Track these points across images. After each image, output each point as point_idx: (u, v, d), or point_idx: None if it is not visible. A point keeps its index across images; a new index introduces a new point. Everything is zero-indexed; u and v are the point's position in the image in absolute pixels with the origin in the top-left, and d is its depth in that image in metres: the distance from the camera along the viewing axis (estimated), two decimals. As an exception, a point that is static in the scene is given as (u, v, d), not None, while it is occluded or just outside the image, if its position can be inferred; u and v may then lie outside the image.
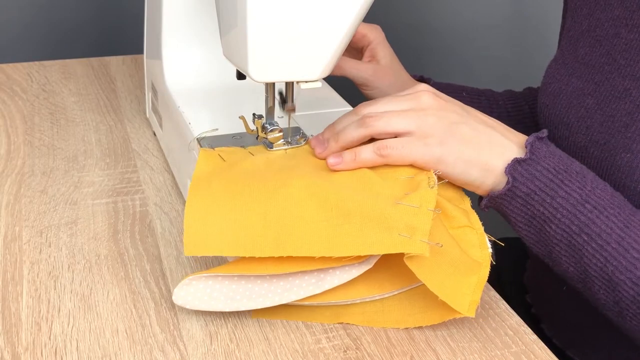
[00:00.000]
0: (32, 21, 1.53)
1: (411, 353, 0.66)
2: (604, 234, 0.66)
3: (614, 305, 0.67)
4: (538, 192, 0.67)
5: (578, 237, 0.67)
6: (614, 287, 0.66)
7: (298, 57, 0.70)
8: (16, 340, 0.66)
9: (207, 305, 0.66)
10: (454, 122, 0.70)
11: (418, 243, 0.63)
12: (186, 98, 0.89)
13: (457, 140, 0.69)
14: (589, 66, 0.82)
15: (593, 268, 0.67)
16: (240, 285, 0.66)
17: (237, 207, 0.67)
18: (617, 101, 0.77)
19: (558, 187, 0.67)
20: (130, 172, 0.94)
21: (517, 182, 0.68)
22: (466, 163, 0.69)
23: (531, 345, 0.68)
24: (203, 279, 0.66)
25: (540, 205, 0.68)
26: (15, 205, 0.86)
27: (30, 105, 1.11)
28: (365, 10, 0.69)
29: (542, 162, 0.68)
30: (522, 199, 0.68)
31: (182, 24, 0.92)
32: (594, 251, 0.66)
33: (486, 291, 0.74)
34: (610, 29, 0.80)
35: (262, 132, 0.77)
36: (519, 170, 0.68)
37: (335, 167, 0.71)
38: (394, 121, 0.70)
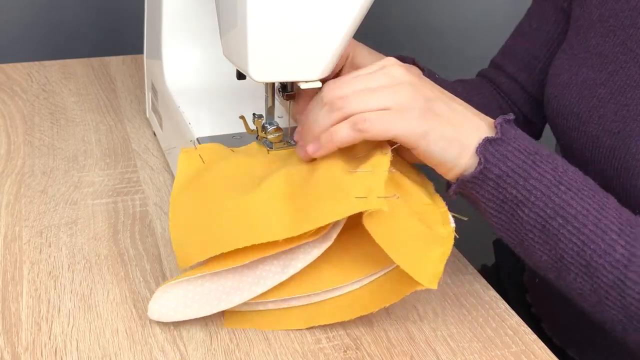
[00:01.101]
0: (32, 21, 1.53)
1: (411, 353, 0.66)
2: (580, 216, 0.63)
3: (592, 293, 0.64)
4: (510, 173, 0.64)
5: (553, 221, 0.63)
6: (591, 273, 0.63)
7: (298, 57, 0.70)
8: (16, 340, 0.66)
9: (182, 314, 0.66)
10: (429, 98, 0.66)
11: (375, 200, 0.61)
12: (186, 98, 0.89)
13: (436, 117, 0.65)
14: (601, 56, 0.81)
15: (569, 253, 0.64)
16: (211, 286, 0.67)
17: (212, 209, 0.68)
18: (632, 90, 0.77)
19: (531, 169, 0.64)
20: (130, 172, 0.94)
21: (489, 163, 0.64)
22: (446, 140, 0.65)
23: (531, 345, 0.68)
24: (174, 289, 0.66)
25: (513, 187, 0.64)
26: (15, 205, 0.86)
27: (30, 105, 1.11)
28: (365, 10, 0.69)
29: (513, 143, 0.65)
30: (493, 181, 0.65)
31: (182, 24, 0.92)
32: (570, 235, 0.63)
33: (486, 291, 0.74)
34: (625, 19, 0.80)
35: (262, 132, 0.77)
36: (490, 151, 0.64)
37: (316, 153, 0.67)
38: (368, 99, 0.65)
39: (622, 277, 0.62)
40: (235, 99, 0.89)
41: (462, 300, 0.73)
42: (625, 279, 0.62)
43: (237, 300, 0.66)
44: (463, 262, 0.79)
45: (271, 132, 0.76)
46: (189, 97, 0.89)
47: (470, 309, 0.72)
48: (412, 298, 0.73)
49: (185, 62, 0.93)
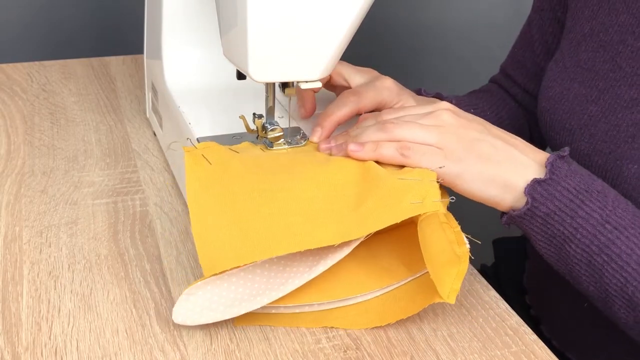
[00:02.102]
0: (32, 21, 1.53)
1: (411, 353, 0.66)
2: (624, 254, 0.65)
3: (635, 324, 0.67)
4: (558, 212, 0.67)
5: (598, 257, 0.66)
6: (634, 307, 0.66)
7: (298, 57, 0.70)
8: (16, 340, 0.66)
9: (208, 317, 0.65)
10: (474, 139, 0.70)
11: (431, 203, 0.65)
12: (186, 98, 0.89)
13: (476, 158, 0.69)
14: (592, 72, 0.81)
15: (613, 288, 0.66)
16: (238, 289, 0.66)
17: (242, 216, 0.66)
18: (623, 110, 0.77)
19: (578, 207, 0.66)
20: (130, 172, 0.94)
21: (537, 202, 0.67)
22: (484, 181, 0.68)
23: (531, 345, 0.68)
24: (200, 291, 0.65)
25: (560, 225, 0.67)
26: (15, 205, 0.86)
27: (30, 105, 1.11)
28: (365, 10, 0.69)
29: (562, 182, 0.67)
30: (541, 218, 0.67)
31: (182, 24, 0.92)
32: (613, 271, 0.66)
33: (486, 291, 0.74)
34: (615, 34, 0.79)
35: (262, 131, 0.77)
36: (538, 191, 0.67)
37: (355, 153, 0.70)
38: (416, 131, 0.70)
39: None
40: (235, 99, 0.89)
41: (462, 300, 0.73)
42: None
43: (266, 300, 0.65)
44: (463, 263, 0.79)
45: (271, 132, 0.76)
46: (189, 97, 0.89)
47: (470, 309, 0.72)
48: (412, 298, 0.73)
49: (185, 62, 0.93)
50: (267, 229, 0.65)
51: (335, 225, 0.65)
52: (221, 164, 0.71)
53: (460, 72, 1.74)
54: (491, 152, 0.69)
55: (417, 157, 0.68)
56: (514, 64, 0.99)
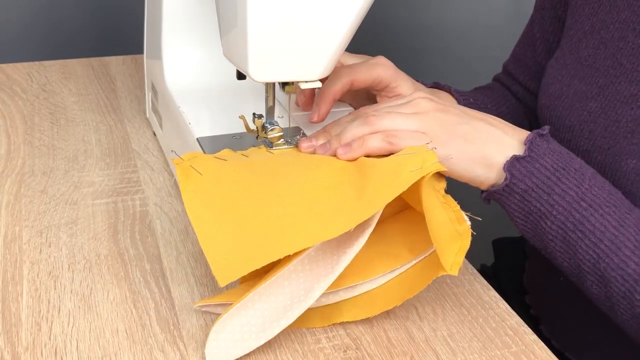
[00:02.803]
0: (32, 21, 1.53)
1: (411, 353, 0.66)
2: (597, 231, 0.67)
3: (606, 300, 0.68)
4: (535, 189, 0.69)
5: (572, 234, 0.68)
6: (605, 283, 0.67)
7: (298, 57, 0.70)
8: (16, 340, 0.66)
9: (243, 348, 0.63)
10: (455, 122, 0.71)
11: (431, 165, 0.66)
12: (186, 98, 0.89)
13: (460, 139, 0.70)
14: (592, 69, 0.81)
15: (586, 264, 0.68)
16: (264, 312, 0.64)
17: (246, 221, 0.66)
18: (622, 106, 0.77)
19: (555, 185, 0.68)
20: (130, 172, 0.94)
21: (515, 179, 0.69)
22: (470, 161, 0.70)
23: (531, 345, 0.68)
24: (227, 326, 0.63)
25: (537, 201, 0.69)
26: (15, 205, 0.86)
27: (30, 105, 1.11)
28: (365, 10, 0.69)
29: (541, 160, 0.69)
30: (519, 195, 0.69)
31: (182, 24, 0.92)
32: (587, 248, 0.67)
33: (486, 291, 0.75)
34: (615, 31, 0.80)
35: (262, 131, 0.77)
36: (517, 167, 0.69)
37: (344, 155, 0.71)
38: (399, 120, 0.71)
39: (632, 290, 0.66)
40: (235, 99, 0.89)
41: (462, 300, 0.73)
42: (634, 292, 0.66)
43: (297, 313, 0.64)
44: (463, 262, 0.79)
45: (271, 132, 0.76)
46: (189, 97, 0.89)
47: (470, 309, 0.72)
48: (412, 298, 0.73)
49: (185, 62, 0.93)
50: (274, 230, 0.65)
51: (342, 215, 0.65)
52: (211, 173, 0.69)
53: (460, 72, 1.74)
54: (473, 133, 0.71)
55: (404, 142, 0.70)
56: (516, 62, 0.99)
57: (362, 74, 0.80)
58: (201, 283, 0.74)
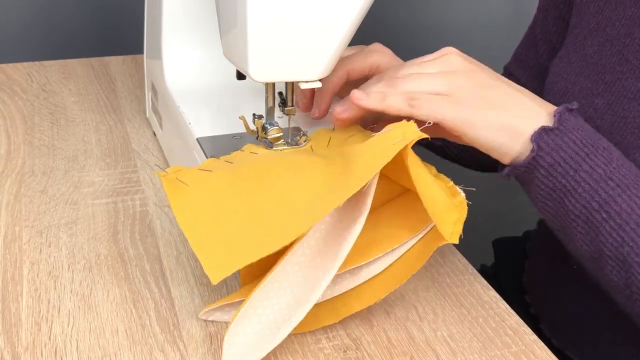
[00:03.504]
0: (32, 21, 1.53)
1: (411, 353, 0.66)
2: (623, 213, 0.64)
3: (625, 287, 0.66)
4: (562, 163, 0.66)
5: (597, 214, 0.65)
6: (627, 269, 0.65)
7: (298, 57, 0.70)
8: (16, 340, 0.66)
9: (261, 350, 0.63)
10: (485, 85, 0.68)
11: (412, 134, 0.63)
12: (186, 98, 0.89)
13: (488, 104, 0.67)
14: (598, 66, 0.81)
15: (608, 247, 0.65)
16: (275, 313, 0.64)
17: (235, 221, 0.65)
18: (629, 102, 0.77)
19: (582, 161, 0.65)
20: (130, 172, 0.94)
21: (542, 151, 0.66)
22: (495, 128, 0.67)
23: (531, 345, 0.68)
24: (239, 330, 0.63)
25: (563, 177, 0.66)
26: (15, 205, 0.86)
27: (30, 105, 1.11)
28: (365, 10, 0.69)
29: (569, 134, 0.66)
30: (545, 169, 0.66)
31: (182, 24, 0.92)
32: (611, 230, 0.65)
33: (486, 291, 0.75)
34: (622, 28, 0.80)
35: (262, 132, 0.77)
36: (545, 139, 0.66)
37: (360, 101, 0.68)
38: (425, 82, 0.67)
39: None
40: (235, 99, 0.89)
41: (462, 300, 0.73)
42: None
43: (308, 307, 0.63)
44: (463, 262, 0.79)
45: (271, 133, 0.76)
46: (189, 97, 0.89)
47: (470, 309, 0.72)
48: (412, 298, 0.73)
49: (185, 62, 0.93)
50: (265, 224, 0.64)
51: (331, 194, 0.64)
52: (197, 183, 0.69)
53: (460, 72, 1.74)
54: (503, 99, 0.67)
55: (426, 106, 0.66)
56: (518, 63, 0.99)
57: (357, 63, 0.78)
58: (201, 283, 0.74)
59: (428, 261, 0.78)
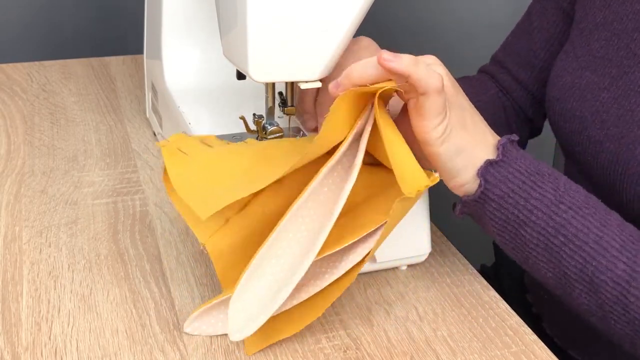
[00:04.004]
0: (32, 21, 1.53)
1: (411, 353, 0.66)
2: (580, 234, 0.64)
3: (598, 309, 0.65)
4: (511, 194, 0.66)
5: (555, 239, 0.65)
6: (595, 290, 0.64)
7: (298, 57, 0.70)
8: (16, 340, 0.66)
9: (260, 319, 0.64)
10: (462, 106, 0.68)
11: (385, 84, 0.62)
12: (186, 98, 0.89)
13: (460, 125, 0.66)
14: (604, 60, 0.81)
15: (572, 270, 0.65)
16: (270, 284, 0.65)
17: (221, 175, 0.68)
18: (636, 95, 0.77)
19: (531, 189, 0.66)
20: (130, 172, 0.94)
21: (490, 184, 0.66)
22: (459, 148, 0.66)
23: (531, 345, 0.68)
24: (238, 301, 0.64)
25: (514, 208, 0.66)
26: (15, 205, 0.86)
27: (30, 105, 1.11)
28: (365, 10, 0.69)
29: (514, 164, 0.66)
30: (495, 202, 0.66)
31: (182, 24, 0.92)
32: (572, 252, 0.65)
33: (486, 291, 0.75)
34: (629, 23, 0.80)
35: (262, 132, 0.77)
36: (491, 172, 0.66)
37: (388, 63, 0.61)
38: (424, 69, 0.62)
39: (625, 292, 0.63)
40: (235, 99, 0.89)
41: (462, 300, 0.73)
42: (628, 294, 0.63)
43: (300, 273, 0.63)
44: (463, 262, 0.79)
45: (271, 133, 0.76)
46: (189, 97, 0.89)
47: (470, 309, 0.72)
48: (412, 298, 0.73)
49: (185, 62, 0.93)
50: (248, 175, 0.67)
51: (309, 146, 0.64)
52: (196, 152, 0.71)
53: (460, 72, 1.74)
54: (471, 125, 0.67)
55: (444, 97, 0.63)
56: (507, 51, 0.97)
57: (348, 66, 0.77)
58: (201, 283, 0.74)
59: (428, 261, 0.78)
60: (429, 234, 0.77)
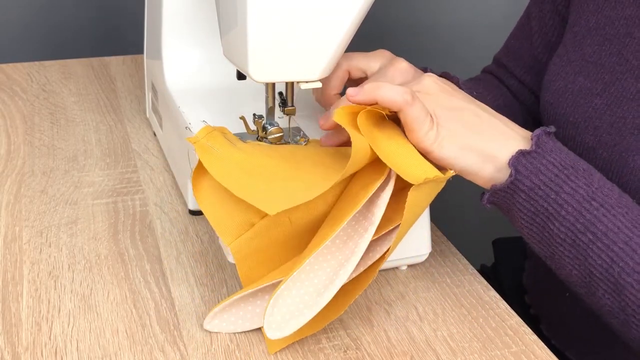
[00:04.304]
0: (32, 21, 1.53)
1: (411, 353, 0.66)
2: (610, 233, 0.63)
3: (620, 311, 0.65)
4: (542, 186, 0.65)
5: (583, 236, 0.64)
6: (620, 291, 0.63)
7: (298, 57, 0.70)
8: (16, 340, 0.66)
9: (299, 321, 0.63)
10: (456, 107, 0.68)
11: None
12: (186, 98, 0.89)
13: (456, 125, 0.66)
14: (597, 65, 0.81)
15: (598, 270, 0.64)
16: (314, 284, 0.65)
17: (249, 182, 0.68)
18: (628, 102, 0.76)
19: (564, 183, 0.64)
20: (130, 172, 0.94)
21: (521, 175, 0.65)
22: (461, 147, 0.66)
23: (531, 345, 0.68)
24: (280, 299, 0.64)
25: (544, 200, 0.65)
26: (15, 205, 0.86)
27: (30, 105, 1.11)
28: (365, 10, 0.69)
29: (548, 156, 0.65)
30: (525, 193, 0.65)
31: (182, 24, 0.92)
32: (599, 251, 0.63)
33: (486, 291, 0.75)
34: (621, 27, 0.79)
35: (262, 132, 0.77)
36: (523, 163, 0.65)
37: (356, 97, 0.65)
38: (385, 88, 0.65)
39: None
40: (235, 99, 0.89)
41: (462, 300, 0.73)
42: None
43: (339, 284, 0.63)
44: (463, 262, 0.79)
45: (271, 133, 0.76)
46: (189, 97, 0.89)
47: (470, 309, 0.72)
48: (412, 298, 0.73)
49: (185, 62, 0.93)
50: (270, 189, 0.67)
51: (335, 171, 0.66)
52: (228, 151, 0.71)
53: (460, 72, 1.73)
54: (474, 121, 0.67)
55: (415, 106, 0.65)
56: (510, 54, 0.98)
57: (357, 59, 0.77)
58: (201, 283, 0.74)
59: (428, 261, 0.78)
60: (429, 234, 0.77)
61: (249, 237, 0.68)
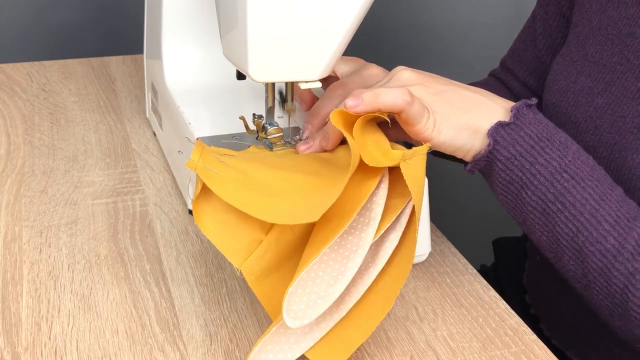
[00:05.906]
0: (32, 21, 1.53)
1: (411, 353, 0.66)
2: (578, 204, 0.67)
3: (582, 277, 0.68)
4: (518, 157, 0.68)
5: (552, 205, 0.67)
6: (583, 258, 0.67)
7: (298, 57, 0.70)
8: (16, 340, 0.66)
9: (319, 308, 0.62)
10: (440, 90, 0.70)
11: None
12: (186, 98, 0.89)
13: (446, 107, 0.69)
14: (599, 65, 0.81)
15: (564, 237, 0.67)
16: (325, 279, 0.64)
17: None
18: (629, 102, 0.77)
19: (538, 154, 0.68)
20: (130, 172, 0.94)
21: (499, 145, 0.68)
22: (456, 128, 0.69)
23: (531, 345, 0.68)
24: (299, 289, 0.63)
25: (519, 170, 0.68)
26: (15, 205, 0.86)
27: (30, 105, 1.11)
28: (365, 10, 0.69)
29: (526, 129, 0.68)
30: (502, 162, 0.68)
31: (182, 24, 0.92)
32: (566, 220, 0.67)
33: (486, 291, 0.75)
34: (623, 27, 0.80)
35: (262, 132, 0.77)
36: (501, 134, 0.68)
37: (354, 108, 0.66)
38: (384, 94, 0.66)
39: (610, 266, 0.66)
40: (235, 99, 0.89)
41: (462, 300, 0.73)
42: (612, 268, 0.65)
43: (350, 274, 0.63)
44: (463, 262, 0.79)
45: (271, 133, 0.76)
46: (189, 97, 0.89)
47: (470, 309, 0.72)
48: (412, 298, 0.73)
49: (185, 62, 0.93)
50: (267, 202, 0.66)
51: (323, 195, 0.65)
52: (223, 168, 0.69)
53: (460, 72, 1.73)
54: (460, 100, 0.70)
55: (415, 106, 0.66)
56: (515, 57, 0.99)
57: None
58: (201, 283, 0.74)
59: (428, 261, 0.78)
60: (429, 234, 0.77)
61: (259, 255, 0.67)
